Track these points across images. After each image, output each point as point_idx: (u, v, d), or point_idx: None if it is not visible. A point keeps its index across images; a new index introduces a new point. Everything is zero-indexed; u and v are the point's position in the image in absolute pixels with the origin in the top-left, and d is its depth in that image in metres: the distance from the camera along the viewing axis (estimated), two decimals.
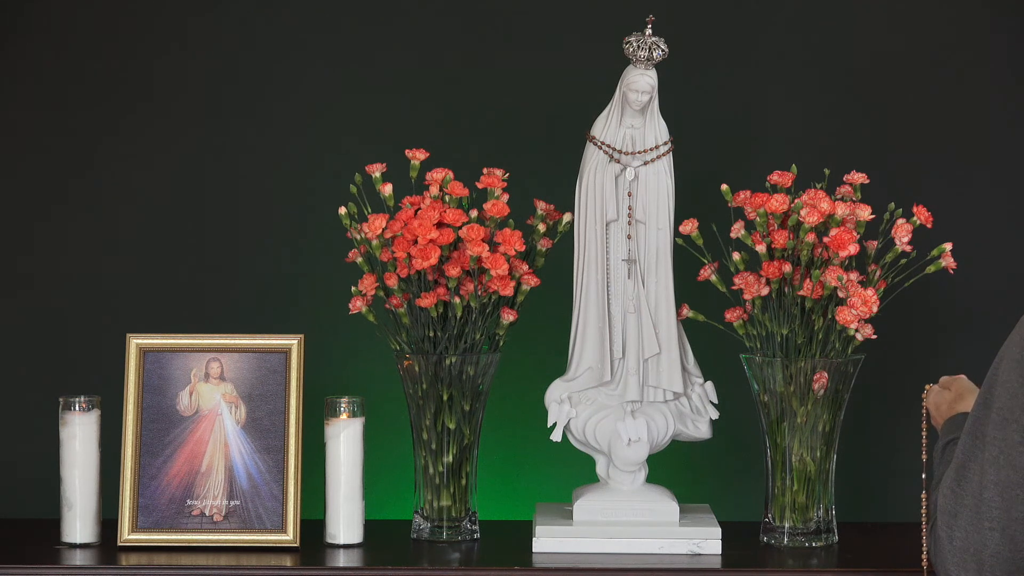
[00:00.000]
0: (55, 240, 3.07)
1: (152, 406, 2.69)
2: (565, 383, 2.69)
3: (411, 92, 3.07)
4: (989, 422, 1.95)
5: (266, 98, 3.07)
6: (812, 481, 2.67)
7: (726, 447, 2.92)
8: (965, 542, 1.95)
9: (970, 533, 1.95)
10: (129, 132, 3.07)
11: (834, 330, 2.62)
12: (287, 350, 2.71)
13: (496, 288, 2.63)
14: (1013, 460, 1.92)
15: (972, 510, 1.95)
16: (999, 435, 1.93)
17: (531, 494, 2.99)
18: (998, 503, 1.93)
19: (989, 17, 3.06)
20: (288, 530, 2.64)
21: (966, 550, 1.95)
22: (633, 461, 2.66)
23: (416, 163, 2.71)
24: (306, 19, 3.07)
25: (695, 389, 2.70)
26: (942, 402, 2.32)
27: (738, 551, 2.62)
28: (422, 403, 2.69)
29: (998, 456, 1.93)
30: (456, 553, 2.63)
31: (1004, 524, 1.93)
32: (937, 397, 2.35)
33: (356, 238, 2.70)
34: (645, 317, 2.66)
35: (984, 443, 1.95)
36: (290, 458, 2.67)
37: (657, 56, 2.63)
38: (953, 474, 1.98)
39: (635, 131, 2.66)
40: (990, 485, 1.93)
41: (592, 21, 3.05)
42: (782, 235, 2.63)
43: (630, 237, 2.66)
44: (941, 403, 2.32)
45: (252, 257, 3.07)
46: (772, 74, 3.07)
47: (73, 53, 3.06)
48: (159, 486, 2.66)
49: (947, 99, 3.06)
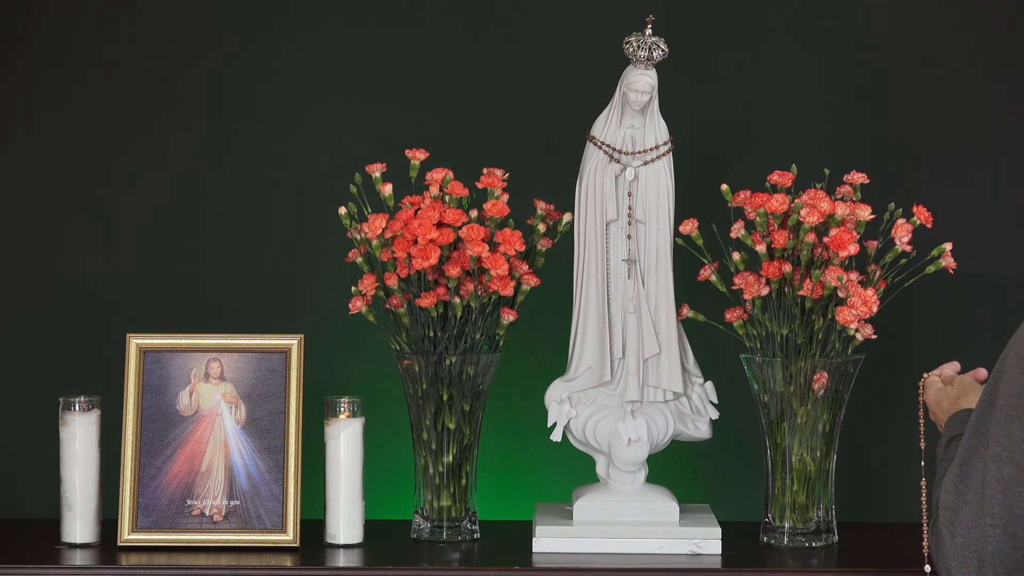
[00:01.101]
0: (55, 240, 3.07)
1: (152, 406, 2.69)
2: (565, 383, 2.69)
3: (411, 92, 3.07)
4: (992, 418, 1.95)
5: (266, 98, 3.07)
6: (812, 481, 2.67)
7: (726, 447, 2.92)
8: (966, 539, 1.95)
9: (971, 530, 1.95)
10: (129, 132, 3.07)
11: (834, 330, 2.62)
12: (287, 350, 2.71)
13: (496, 288, 2.63)
14: (1016, 457, 1.92)
15: (974, 507, 1.95)
16: (1002, 432, 1.93)
17: (531, 494, 2.99)
18: (1000, 500, 1.93)
19: (989, 17, 3.06)
20: (288, 530, 2.65)
21: (967, 546, 1.95)
22: (633, 461, 2.66)
23: (416, 163, 2.71)
24: (306, 19, 3.07)
25: (695, 389, 2.70)
26: (943, 399, 2.31)
27: (738, 551, 2.62)
28: (422, 403, 2.69)
29: (1000, 453, 1.93)
30: (456, 553, 2.63)
31: (1006, 521, 1.93)
32: (938, 394, 2.34)
33: (356, 238, 2.70)
34: (645, 317, 2.66)
35: (987, 440, 1.95)
36: (290, 458, 2.67)
37: (657, 56, 2.63)
38: (956, 471, 1.98)
39: (635, 131, 2.66)
40: (992, 482, 1.93)
41: (592, 21, 3.05)
42: (782, 235, 2.63)
43: (630, 237, 2.66)
44: (943, 399, 2.32)
45: (252, 257, 3.07)
46: (772, 74, 3.07)
47: (73, 53, 3.06)
48: (159, 486, 2.66)
49: (947, 99, 3.06)
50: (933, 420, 2.36)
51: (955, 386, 2.32)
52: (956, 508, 1.96)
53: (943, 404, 2.31)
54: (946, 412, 2.29)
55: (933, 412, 2.35)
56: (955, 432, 2.18)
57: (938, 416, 2.33)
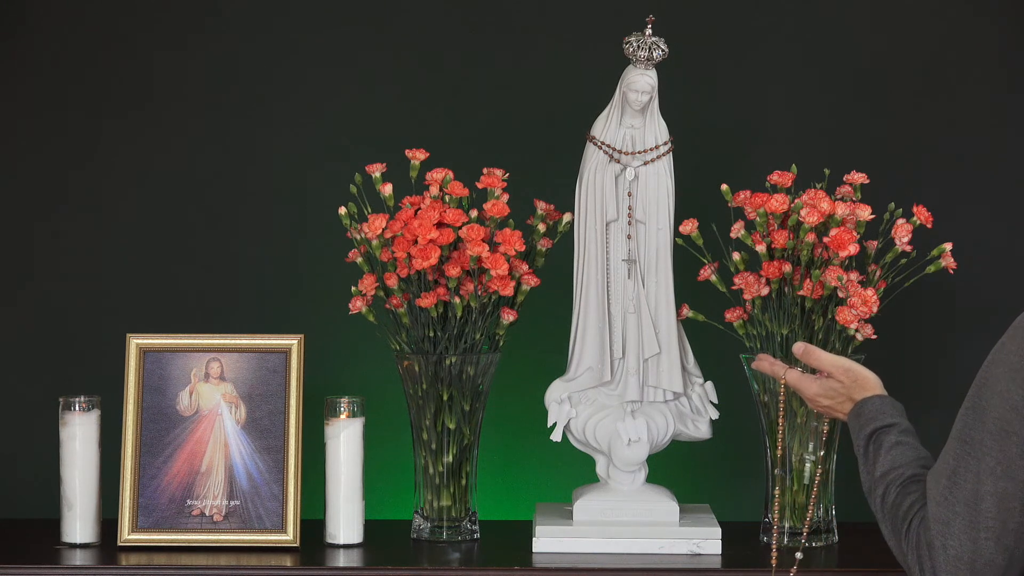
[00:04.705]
0: (55, 240, 3.07)
1: (152, 406, 2.69)
2: (565, 383, 2.69)
3: (411, 92, 3.07)
4: (984, 431, 1.94)
5: (266, 98, 3.07)
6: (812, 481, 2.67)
7: (726, 447, 2.92)
8: (959, 550, 1.95)
9: (964, 542, 1.95)
10: (129, 132, 3.07)
11: (834, 330, 2.62)
12: (287, 350, 2.71)
13: (496, 288, 2.63)
14: (1012, 473, 1.92)
15: (965, 519, 1.95)
16: (997, 446, 1.93)
17: (531, 494, 2.99)
18: (994, 513, 1.93)
19: (989, 17, 3.06)
20: (288, 530, 2.65)
21: (960, 558, 1.95)
22: (633, 461, 2.66)
23: (416, 163, 2.71)
24: (306, 19, 3.07)
25: (695, 389, 2.70)
26: (834, 392, 2.21)
27: (738, 551, 2.62)
28: (422, 403, 2.69)
29: (995, 467, 1.93)
30: (456, 553, 2.63)
31: (999, 534, 1.93)
32: (821, 387, 2.24)
33: (356, 238, 2.70)
34: (645, 317, 2.66)
35: (979, 452, 1.94)
36: (290, 458, 2.67)
37: (657, 56, 2.63)
38: (945, 481, 1.97)
39: (635, 131, 2.66)
40: (987, 496, 1.93)
41: (592, 21, 3.05)
42: (782, 235, 2.63)
43: (630, 237, 2.66)
44: (833, 393, 2.21)
45: (252, 257, 3.07)
46: (772, 74, 3.07)
47: (73, 53, 3.06)
48: (159, 486, 2.66)
49: (947, 99, 3.06)
50: (826, 415, 2.27)
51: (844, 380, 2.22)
52: (946, 520, 1.96)
53: (836, 397, 2.21)
54: (840, 405, 2.21)
55: (822, 406, 2.25)
56: (875, 424, 2.12)
57: (831, 409, 2.25)
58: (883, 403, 2.16)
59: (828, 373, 2.23)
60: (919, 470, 2.07)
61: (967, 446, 1.95)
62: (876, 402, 2.17)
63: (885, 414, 2.15)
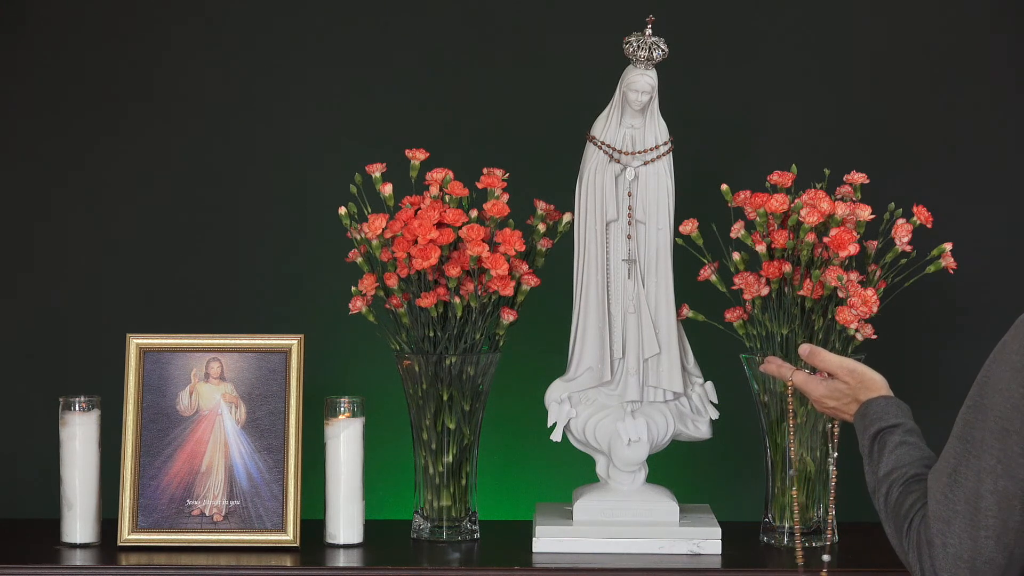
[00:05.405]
0: (55, 240, 3.07)
1: (152, 406, 2.69)
2: (565, 383, 2.69)
3: (411, 92, 3.07)
4: (985, 430, 1.94)
5: (266, 98, 3.07)
6: (812, 481, 2.67)
7: (726, 447, 2.92)
8: (959, 549, 1.95)
9: (964, 540, 1.95)
10: (128, 132, 3.07)
11: (834, 330, 2.62)
12: (287, 350, 2.71)
13: (496, 288, 2.63)
14: (1013, 471, 1.92)
15: (966, 517, 1.95)
16: (998, 445, 1.93)
17: (531, 494, 2.99)
18: (995, 512, 1.93)
19: (989, 17, 3.06)
20: (288, 530, 2.65)
21: (959, 556, 1.95)
22: (633, 461, 2.66)
23: (416, 163, 2.71)
24: (306, 19, 3.07)
25: (695, 389, 2.70)
26: (840, 394, 2.22)
27: (738, 551, 2.62)
28: (422, 403, 2.69)
29: (996, 466, 1.93)
30: (456, 553, 2.63)
31: (999, 533, 1.93)
32: (828, 388, 2.25)
33: (356, 238, 2.70)
34: (645, 317, 2.66)
35: (980, 450, 1.94)
36: (290, 458, 2.67)
37: (657, 56, 2.63)
38: (946, 479, 1.97)
39: (635, 131, 2.66)
40: (987, 494, 1.93)
41: (592, 21, 3.05)
42: (782, 235, 2.63)
43: (630, 237, 2.66)
44: (839, 394, 2.22)
45: (252, 257, 3.07)
46: (772, 74, 3.07)
47: (73, 53, 3.06)
48: (159, 486, 2.66)
49: (947, 99, 3.06)
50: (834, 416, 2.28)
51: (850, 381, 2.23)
52: (946, 518, 1.96)
53: (842, 398, 2.23)
54: (845, 406, 2.23)
55: (829, 408, 2.26)
56: (880, 424, 2.13)
57: (838, 410, 2.26)
58: (888, 404, 2.17)
59: (834, 374, 2.24)
60: (922, 469, 2.08)
61: (968, 445, 1.96)
62: (881, 403, 2.18)
63: (890, 414, 2.15)
